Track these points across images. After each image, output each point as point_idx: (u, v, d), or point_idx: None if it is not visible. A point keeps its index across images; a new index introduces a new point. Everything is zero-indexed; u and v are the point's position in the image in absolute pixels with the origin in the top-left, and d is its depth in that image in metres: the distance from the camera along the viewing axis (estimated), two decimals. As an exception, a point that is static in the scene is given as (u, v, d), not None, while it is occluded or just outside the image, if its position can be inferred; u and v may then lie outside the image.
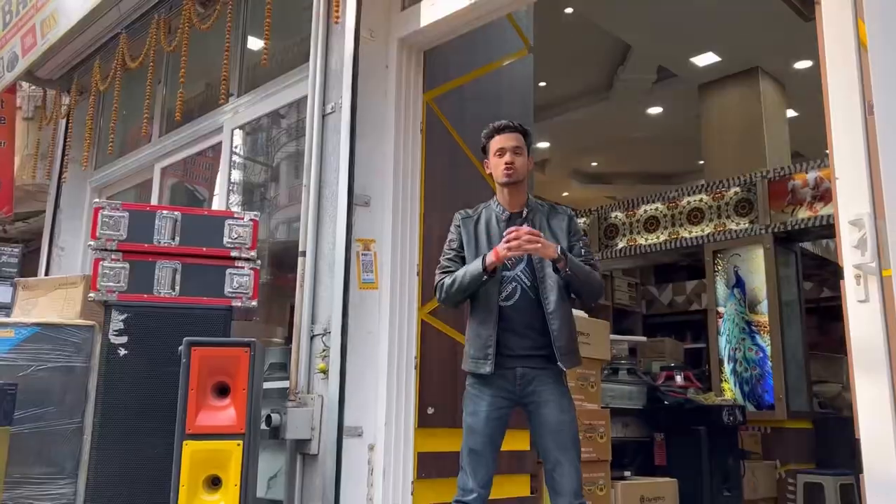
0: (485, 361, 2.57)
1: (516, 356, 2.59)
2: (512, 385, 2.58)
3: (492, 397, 2.58)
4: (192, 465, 2.53)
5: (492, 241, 2.65)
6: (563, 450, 2.51)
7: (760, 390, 6.33)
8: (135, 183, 5.58)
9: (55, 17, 4.89)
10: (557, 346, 2.56)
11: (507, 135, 2.75)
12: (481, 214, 2.78)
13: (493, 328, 2.58)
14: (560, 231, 2.70)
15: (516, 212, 2.73)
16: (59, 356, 3.50)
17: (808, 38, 6.64)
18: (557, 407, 2.55)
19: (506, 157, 2.70)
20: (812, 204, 6.30)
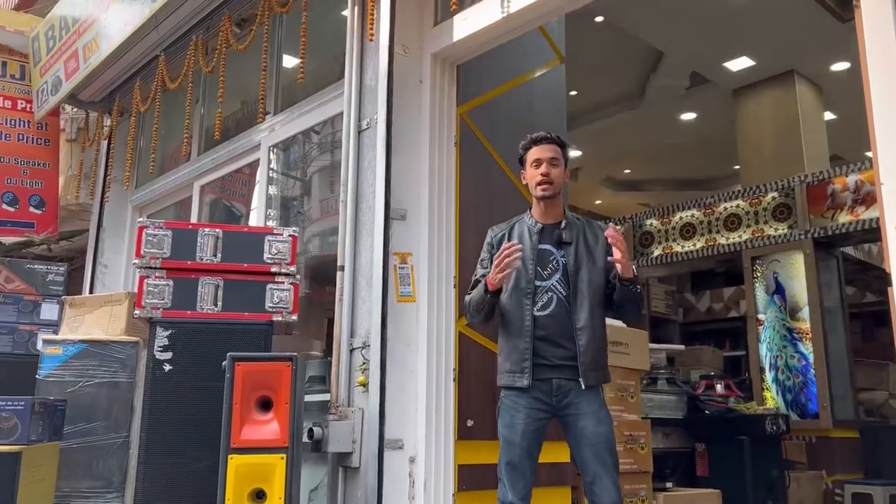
0: (521, 375, 2.57)
1: (552, 366, 2.58)
2: (548, 397, 2.58)
3: (528, 409, 2.56)
4: (237, 478, 2.56)
5: (524, 253, 2.64)
6: (601, 462, 2.49)
7: (804, 398, 6.20)
8: (174, 201, 5.71)
9: (97, 42, 5.04)
10: (581, 361, 2.55)
11: (544, 146, 2.75)
12: (514, 228, 2.79)
13: (529, 339, 2.58)
14: (596, 245, 2.69)
15: (550, 224, 2.73)
16: (106, 372, 3.59)
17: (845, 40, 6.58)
18: (594, 419, 2.54)
19: (542, 168, 2.71)
20: (853, 208, 6.18)
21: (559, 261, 2.67)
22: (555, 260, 2.68)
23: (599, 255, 2.66)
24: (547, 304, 2.62)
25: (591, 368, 2.57)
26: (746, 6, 6.26)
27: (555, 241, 2.70)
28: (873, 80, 2.12)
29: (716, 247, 7.09)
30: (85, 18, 5.14)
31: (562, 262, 2.66)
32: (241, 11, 4.38)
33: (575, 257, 2.66)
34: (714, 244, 7.10)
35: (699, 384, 5.62)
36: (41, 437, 3.00)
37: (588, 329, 2.59)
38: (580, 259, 2.66)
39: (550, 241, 2.70)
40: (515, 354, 2.60)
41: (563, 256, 2.68)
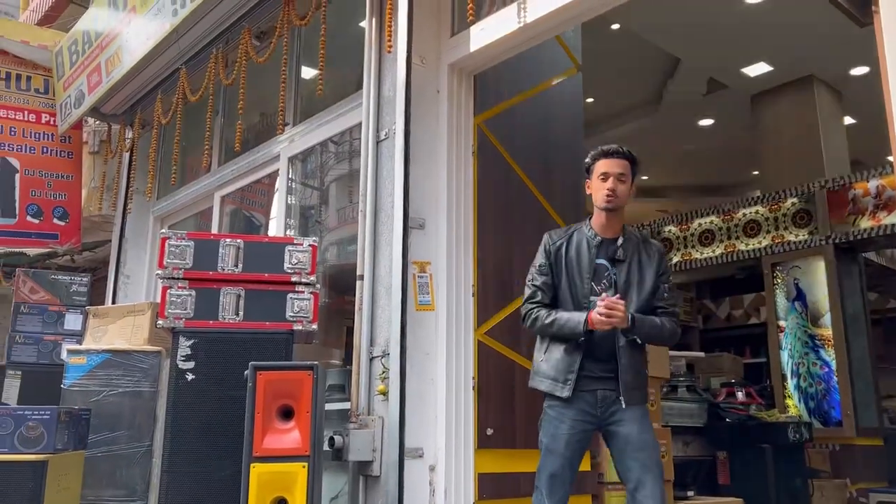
0: (563, 385, 2.61)
1: (596, 378, 2.63)
2: (593, 408, 2.62)
3: (573, 420, 2.61)
4: (259, 487, 2.58)
5: (581, 267, 2.70)
6: (646, 469, 2.51)
7: (826, 406, 6.13)
8: (195, 211, 5.77)
9: (119, 56, 5.12)
10: (623, 380, 2.60)
11: (614, 160, 2.72)
12: (572, 237, 2.79)
13: (579, 354, 2.62)
14: (649, 267, 2.72)
15: (609, 238, 2.75)
16: (129, 381, 3.64)
17: (864, 44, 6.53)
18: (639, 427, 2.57)
19: (608, 183, 2.69)
20: (875, 213, 6.12)
21: (612, 277, 2.70)
22: (608, 276, 2.71)
23: (649, 276, 2.70)
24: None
25: (632, 388, 2.62)
26: (764, 12, 6.24)
27: (610, 257, 2.72)
28: (893, 84, 2.11)
29: (735, 253, 7.05)
30: (107, 33, 5.23)
31: (613, 280, 2.69)
32: (261, 24, 4.44)
33: (626, 276, 2.70)
34: (734, 250, 7.06)
35: (720, 392, 5.58)
36: (67, 446, 3.04)
37: (628, 349, 2.63)
38: (631, 278, 2.70)
39: (606, 256, 2.72)
40: (562, 364, 2.64)
41: (615, 274, 2.70)
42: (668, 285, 2.74)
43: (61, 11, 7.79)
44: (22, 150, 6.30)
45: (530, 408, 3.48)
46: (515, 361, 3.48)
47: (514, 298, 3.55)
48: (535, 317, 2.74)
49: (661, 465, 2.57)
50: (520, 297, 3.56)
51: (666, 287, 2.73)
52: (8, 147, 6.25)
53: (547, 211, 3.84)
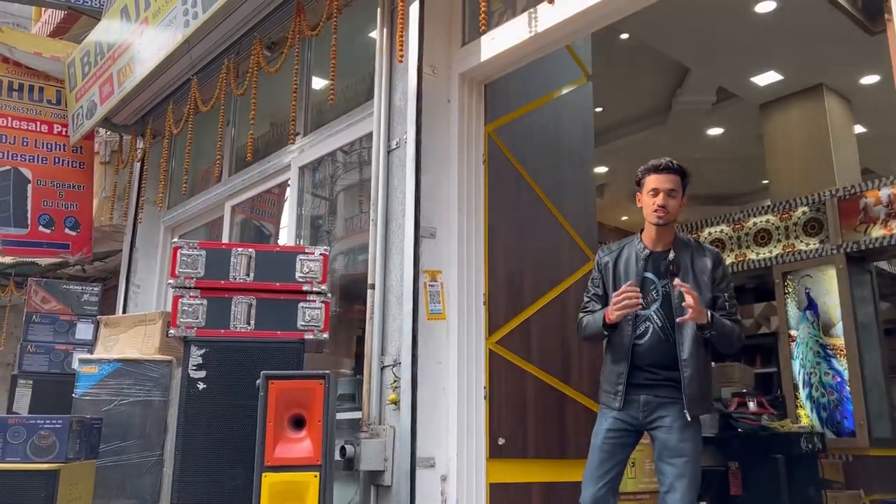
0: (615, 397, 2.69)
1: (641, 385, 2.68)
2: (636, 411, 2.67)
3: (614, 419, 2.69)
4: (271, 496, 2.58)
5: (630, 278, 2.72)
6: (679, 476, 2.55)
7: (839, 416, 6.08)
8: (205, 221, 5.79)
9: (131, 67, 5.16)
10: (687, 394, 2.61)
11: (664, 175, 2.73)
12: (623, 250, 2.83)
13: (626, 366, 2.67)
14: (703, 274, 2.71)
15: (658, 251, 2.76)
16: (140, 391, 3.65)
17: (875, 53, 6.52)
18: (679, 433, 2.59)
19: (658, 199, 2.71)
20: (887, 222, 6.08)
21: (659, 290, 2.71)
22: (655, 289, 2.72)
23: (705, 286, 2.68)
24: (643, 334, 2.69)
25: (697, 400, 2.62)
26: (773, 20, 6.23)
27: (661, 270, 2.72)
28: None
29: (745, 262, 7.01)
30: (119, 44, 5.27)
31: (662, 293, 2.70)
32: (272, 35, 4.47)
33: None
34: (744, 259, 7.02)
35: (731, 401, 5.54)
36: (78, 455, 3.05)
37: (693, 361, 2.63)
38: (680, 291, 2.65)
39: (655, 269, 2.73)
40: (612, 377, 2.71)
41: (664, 287, 2.71)
42: (728, 294, 2.73)
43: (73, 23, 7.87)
44: (34, 161, 6.35)
45: (542, 417, 3.47)
46: (527, 370, 3.47)
47: (525, 307, 3.55)
48: (578, 322, 2.88)
49: (696, 475, 2.59)
50: (531, 305, 3.59)
51: (726, 296, 2.72)
52: (20, 157, 6.31)
53: (557, 220, 3.84)
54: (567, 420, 3.58)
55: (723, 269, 2.75)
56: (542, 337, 3.58)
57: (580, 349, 3.74)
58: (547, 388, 3.54)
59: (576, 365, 3.70)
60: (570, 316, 3.74)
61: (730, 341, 2.68)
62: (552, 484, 3.43)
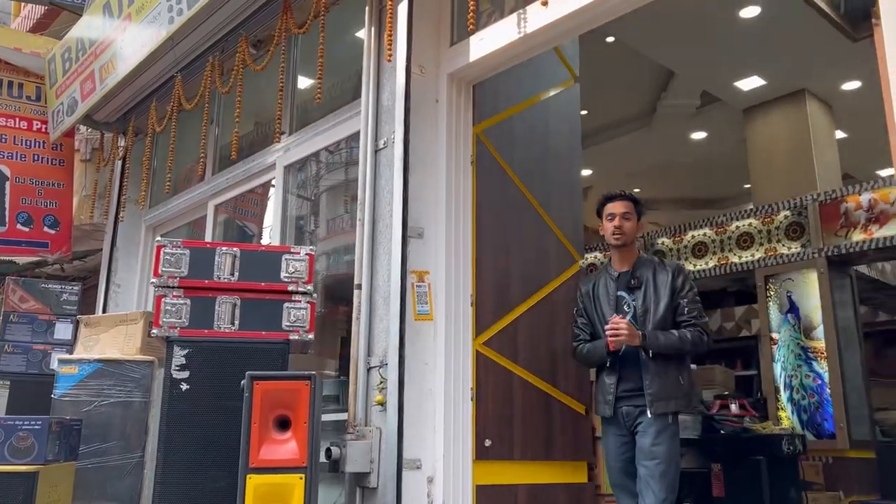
0: (606, 405, 3.01)
1: (623, 397, 2.99)
2: (622, 421, 2.99)
3: (614, 435, 3.03)
4: (255, 498, 2.54)
5: (609, 300, 3.09)
6: (650, 476, 2.82)
7: (819, 418, 6.13)
8: (188, 220, 5.73)
9: (113, 63, 5.09)
10: (648, 394, 2.90)
11: (618, 202, 3.16)
12: (599, 278, 3.21)
13: (615, 376, 3.00)
14: (663, 287, 3.04)
15: (625, 270, 3.13)
16: (121, 392, 3.59)
17: (856, 59, 6.60)
18: (652, 437, 2.86)
19: (615, 222, 3.11)
20: (867, 226, 6.15)
21: (630, 305, 3.06)
22: (627, 304, 3.07)
23: (665, 296, 3.02)
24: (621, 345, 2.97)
25: (658, 399, 2.90)
26: (757, 26, 6.29)
27: (627, 287, 3.09)
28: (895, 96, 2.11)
29: (728, 265, 7.06)
30: (102, 40, 5.20)
31: (633, 307, 3.04)
32: (258, 33, 4.42)
33: (643, 300, 3.04)
34: (726, 263, 7.07)
35: (713, 404, 5.56)
36: (58, 457, 2.99)
37: (650, 365, 2.93)
38: (648, 300, 3.04)
39: (625, 287, 3.09)
40: (604, 387, 3.03)
41: (634, 301, 3.06)
42: (686, 300, 3.03)
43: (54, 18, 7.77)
44: (13, 158, 6.24)
45: (528, 419, 3.46)
46: (513, 372, 3.46)
47: (512, 308, 3.54)
48: (578, 350, 3.19)
49: (669, 476, 2.81)
50: (518, 306, 3.58)
51: (685, 302, 3.03)
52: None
53: (545, 221, 3.84)
54: (553, 422, 3.58)
55: (683, 279, 3.08)
56: (529, 338, 3.58)
57: (566, 351, 3.73)
58: (533, 390, 3.54)
59: (562, 366, 3.70)
60: (557, 317, 3.75)
61: (679, 349, 2.96)
62: (538, 486, 3.43)
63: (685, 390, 2.98)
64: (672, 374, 2.94)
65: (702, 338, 2.99)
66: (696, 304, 3.07)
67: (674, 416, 2.93)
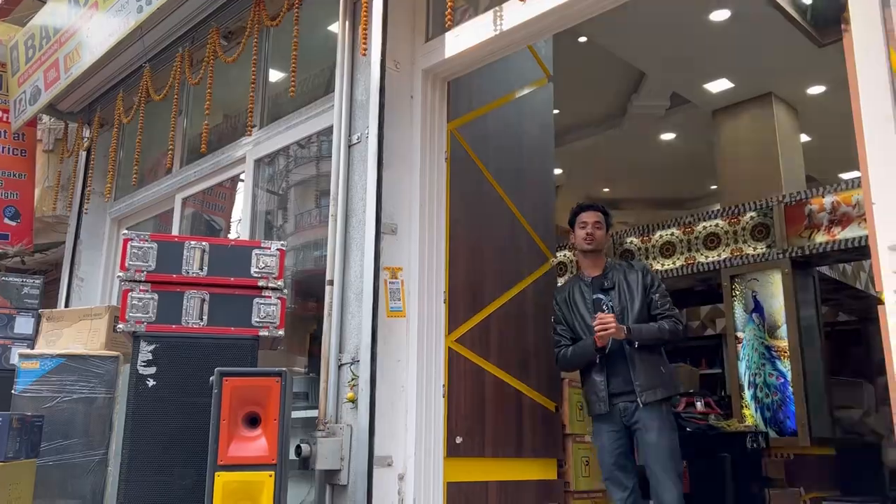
0: (602, 403, 3.16)
1: (617, 393, 3.16)
2: (619, 418, 3.15)
3: (609, 431, 3.17)
4: (224, 496, 2.50)
5: (586, 304, 3.30)
6: (664, 469, 3.02)
7: (782, 416, 6.25)
8: (154, 214, 5.63)
9: (79, 52, 4.97)
10: (637, 384, 3.12)
11: (590, 212, 3.42)
12: (572, 286, 3.41)
13: (603, 374, 3.18)
14: (636, 285, 3.28)
15: (597, 275, 3.36)
16: (84, 387, 3.51)
17: (821, 64, 6.73)
18: (657, 432, 3.07)
19: (587, 229, 3.36)
20: (830, 228, 6.28)
21: (608, 305, 3.26)
22: (605, 305, 3.27)
23: (638, 293, 3.25)
24: (606, 344, 3.16)
25: (646, 388, 3.11)
26: (726, 29, 6.38)
27: (602, 289, 3.30)
28: (864, 101, 2.15)
29: (695, 265, 7.16)
30: (67, 28, 5.07)
31: (610, 306, 3.25)
32: (229, 24, 4.35)
33: (619, 299, 3.26)
34: (693, 262, 7.17)
35: (679, 402, 5.64)
36: (18, 454, 2.92)
37: (636, 355, 3.14)
38: (623, 299, 3.25)
39: (600, 290, 3.30)
40: (595, 387, 3.19)
41: (610, 301, 3.27)
42: (658, 294, 3.27)
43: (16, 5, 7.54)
44: (-28, 147, 6.07)
45: (499, 416, 3.47)
46: (485, 369, 3.47)
47: (484, 306, 3.54)
48: (561, 355, 3.34)
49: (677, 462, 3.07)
50: (490, 303, 3.58)
51: (657, 297, 3.26)
52: (-43, 143, 6.03)
53: (517, 219, 3.85)
54: (524, 419, 3.59)
55: (651, 276, 3.34)
56: (501, 335, 3.58)
57: (537, 348, 3.75)
58: (504, 387, 3.54)
59: (533, 364, 3.71)
60: (529, 315, 3.76)
61: (661, 338, 3.18)
62: (508, 482, 3.44)
63: (667, 377, 3.20)
64: (655, 363, 3.17)
65: (677, 326, 3.23)
66: (667, 297, 3.31)
67: (667, 407, 3.14)
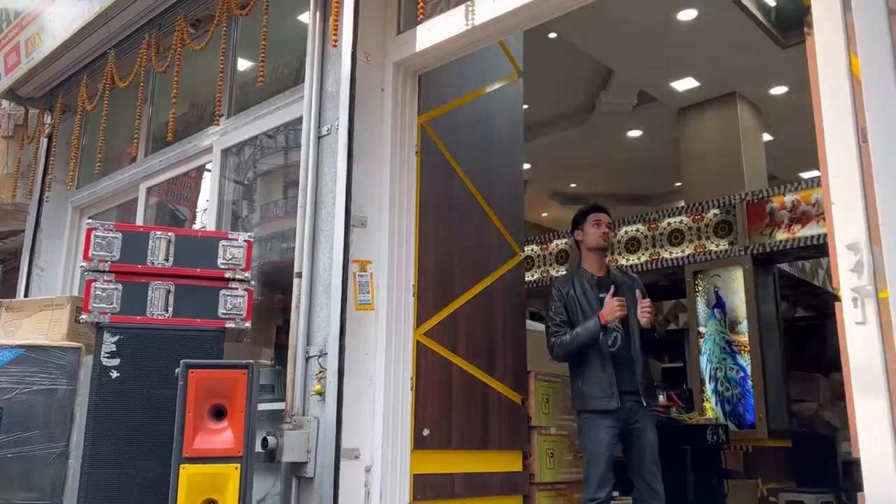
0: (611, 399, 3.27)
1: (625, 391, 3.30)
2: (621, 415, 3.29)
3: (609, 427, 3.27)
4: (189, 489, 2.48)
5: (589, 300, 3.43)
6: (657, 465, 3.31)
7: (741, 409, 6.40)
8: (117, 203, 5.53)
9: (41, 37, 4.86)
10: (641, 384, 3.33)
11: (602, 214, 3.60)
12: (573, 280, 3.53)
13: (612, 371, 3.31)
14: (629, 291, 3.44)
15: (602, 276, 3.52)
16: (45, 379, 3.45)
17: (784, 65, 6.86)
18: (652, 431, 3.33)
19: (603, 228, 3.55)
20: (790, 226, 6.43)
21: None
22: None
23: (632, 297, 3.40)
24: (615, 342, 3.37)
25: (646, 390, 3.35)
26: (693, 29, 6.48)
27: (607, 290, 3.39)
28: (825, 104, 2.19)
29: (659, 261, 7.28)
30: (28, 12, 4.95)
31: None
32: (197, 12, 4.29)
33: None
34: (658, 258, 7.29)
35: (642, 395, 5.73)
36: (-24, 446, 2.86)
37: (641, 358, 3.37)
38: (629, 302, 3.37)
39: (604, 290, 3.41)
40: (604, 383, 3.30)
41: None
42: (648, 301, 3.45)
43: (-25, -14, 7.33)
44: (-73, 132, 5.89)
45: (466, 408, 3.49)
46: (453, 362, 3.49)
47: (453, 299, 3.56)
48: (560, 342, 3.41)
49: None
50: (459, 297, 3.60)
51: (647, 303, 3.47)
52: (-89, 127, 5.84)
53: (486, 213, 3.87)
54: (490, 412, 3.62)
55: (640, 284, 3.54)
56: (469, 329, 3.60)
57: (505, 342, 3.78)
58: (472, 380, 3.56)
59: (500, 357, 3.74)
60: (497, 309, 3.79)
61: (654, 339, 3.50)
62: (474, 474, 3.46)
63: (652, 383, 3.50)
64: (647, 366, 3.43)
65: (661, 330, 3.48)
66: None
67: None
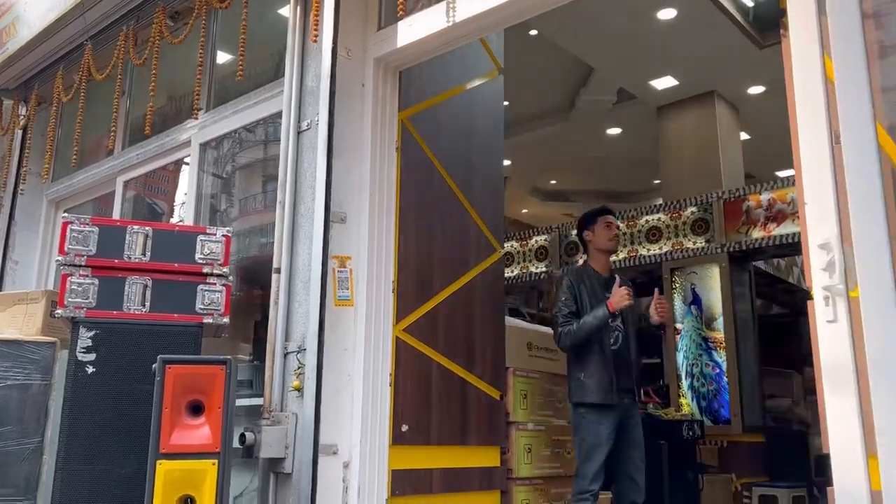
0: (613, 394, 3.41)
1: (623, 389, 3.47)
2: (619, 412, 3.44)
3: (609, 423, 3.41)
4: (165, 484, 2.47)
5: (597, 297, 3.54)
6: (643, 460, 3.53)
7: (717, 405, 6.48)
8: (94, 196, 5.46)
9: (15, 27, 4.79)
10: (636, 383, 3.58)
11: (612, 217, 3.77)
12: (582, 275, 3.67)
13: (612, 368, 3.45)
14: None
15: (607, 276, 3.68)
16: (19, 373, 3.41)
17: (762, 65, 6.93)
18: (641, 430, 3.57)
19: (613, 230, 3.72)
20: (766, 224, 6.52)
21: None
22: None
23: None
24: (616, 341, 3.53)
25: (639, 389, 3.66)
26: (673, 28, 6.53)
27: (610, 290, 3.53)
28: (800, 106, 2.23)
29: (637, 258, 7.34)
30: (3, 1, 4.88)
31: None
32: (175, 4, 4.25)
33: None
34: (636, 255, 7.35)
35: (620, 391, 5.78)
36: (-51, 442, 2.82)
37: (636, 360, 3.58)
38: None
39: (610, 290, 3.51)
40: (605, 379, 3.44)
41: None
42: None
43: (-53, -26, 7.19)
44: None
45: (444, 404, 3.51)
46: (432, 358, 3.49)
47: (433, 295, 3.57)
48: (567, 330, 3.50)
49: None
50: (438, 293, 3.61)
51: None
52: None
53: (466, 210, 3.88)
54: (469, 407, 3.64)
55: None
56: (448, 325, 3.61)
57: (483, 338, 3.80)
58: (451, 376, 3.58)
59: (479, 353, 3.76)
60: (476, 305, 3.80)
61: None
62: (452, 469, 3.48)
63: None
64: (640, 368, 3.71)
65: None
66: None
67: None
